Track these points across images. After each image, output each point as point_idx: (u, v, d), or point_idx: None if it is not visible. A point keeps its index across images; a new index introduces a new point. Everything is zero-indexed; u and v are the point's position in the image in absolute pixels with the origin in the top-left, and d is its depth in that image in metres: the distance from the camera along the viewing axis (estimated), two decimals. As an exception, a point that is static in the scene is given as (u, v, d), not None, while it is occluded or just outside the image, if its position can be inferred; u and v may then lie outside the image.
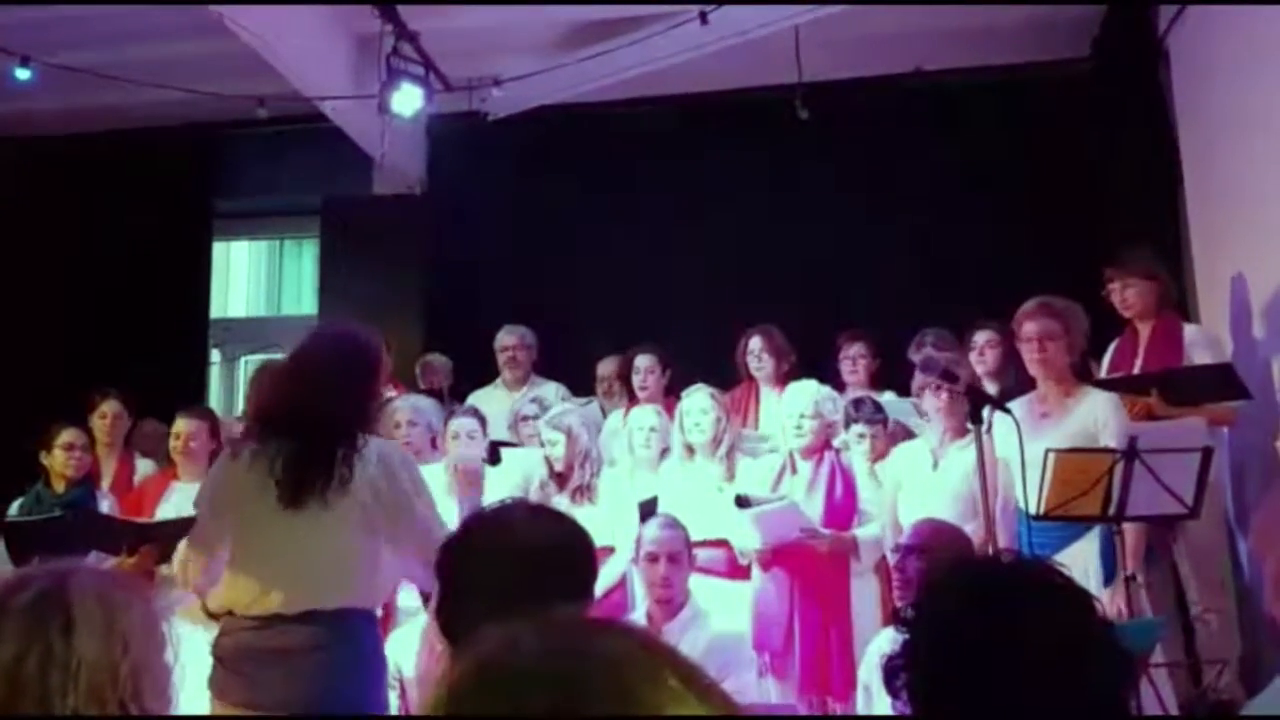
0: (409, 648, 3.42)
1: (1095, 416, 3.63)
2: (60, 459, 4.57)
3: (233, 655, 2.56)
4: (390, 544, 2.65)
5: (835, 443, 4.19)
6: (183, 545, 2.85)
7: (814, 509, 3.98)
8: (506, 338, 5.74)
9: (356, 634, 2.58)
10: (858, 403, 4.43)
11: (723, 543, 4.10)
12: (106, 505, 4.59)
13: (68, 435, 4.61)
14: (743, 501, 3.89)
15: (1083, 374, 4.02)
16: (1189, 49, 5.49)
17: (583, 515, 3.90)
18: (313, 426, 2.59)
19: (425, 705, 0.75)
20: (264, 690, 2.49)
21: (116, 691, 1.30)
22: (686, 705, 0.70)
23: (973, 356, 4.64)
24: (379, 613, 3.79)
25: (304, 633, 2.52)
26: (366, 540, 2.61)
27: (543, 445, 4.38)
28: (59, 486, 4.57)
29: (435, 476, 4.26)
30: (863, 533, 3.98)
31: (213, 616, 3.66)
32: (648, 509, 4.13)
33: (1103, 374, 4.37)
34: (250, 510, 2.61)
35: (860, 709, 3.40)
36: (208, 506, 2.76)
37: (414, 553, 2.65)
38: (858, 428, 4.30)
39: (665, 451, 4.41)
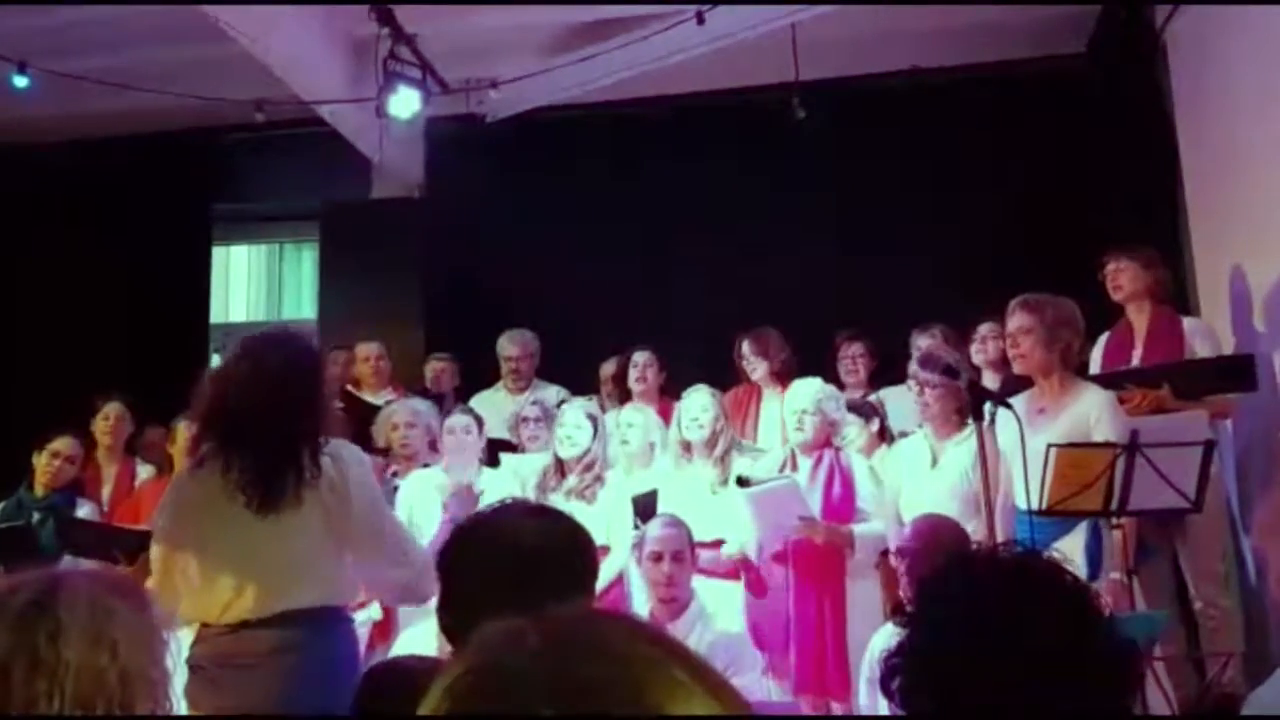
0: (424, 646, 3.40)
1: (1089, 413, 3.62)
2: (45, 462, 4.55)
3: (206, 663, 2.53)
4: (344, 542, 2.62)
5: (835, 441, 4.19)
6: None
7: (812, 505, 3.97)
8: (510, 348, 5.73)
9: (327, 634, 2.57)
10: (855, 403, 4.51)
11: (720, 543, 4.10)
12: (85, 512, 4.56)
13: (60, 443, 4.60)
14: (744, 482, 3.91)
15: (1080, 369, 4.00)
16: (1186, 43, 5.48)
17: (580, 513, 3.90)
18: (276, 431, 2.55)
19: (425, 704, 0.74)
20: (235, 695, 2.47)
21: (104, 697, 1.30)
22: (694, 698, 0.69)
23: (974, 347, 4.68)
24: (379, 615, 3.79)
25: (275, 636, 2.50)
26: (331, 538, 2.60)
27: (561, 427, 4.32)
28: (39, 491, 4.55)
29: (434, 479, 4.27)
30: (860, 528, 3.96)
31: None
32: (645, 502, 4.13)
33: (1094, 367, 4.37)
34: (217, 519, 2.56)
35: (863, 704, 3.40)
36: (171, 520, 2.69)
37: (367, 554, 2.65)
38: (854, 419, 4.36)
39: (651, 447, 4.41)
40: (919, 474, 3.95)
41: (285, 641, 2.50)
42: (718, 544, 4.09)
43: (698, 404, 4.28)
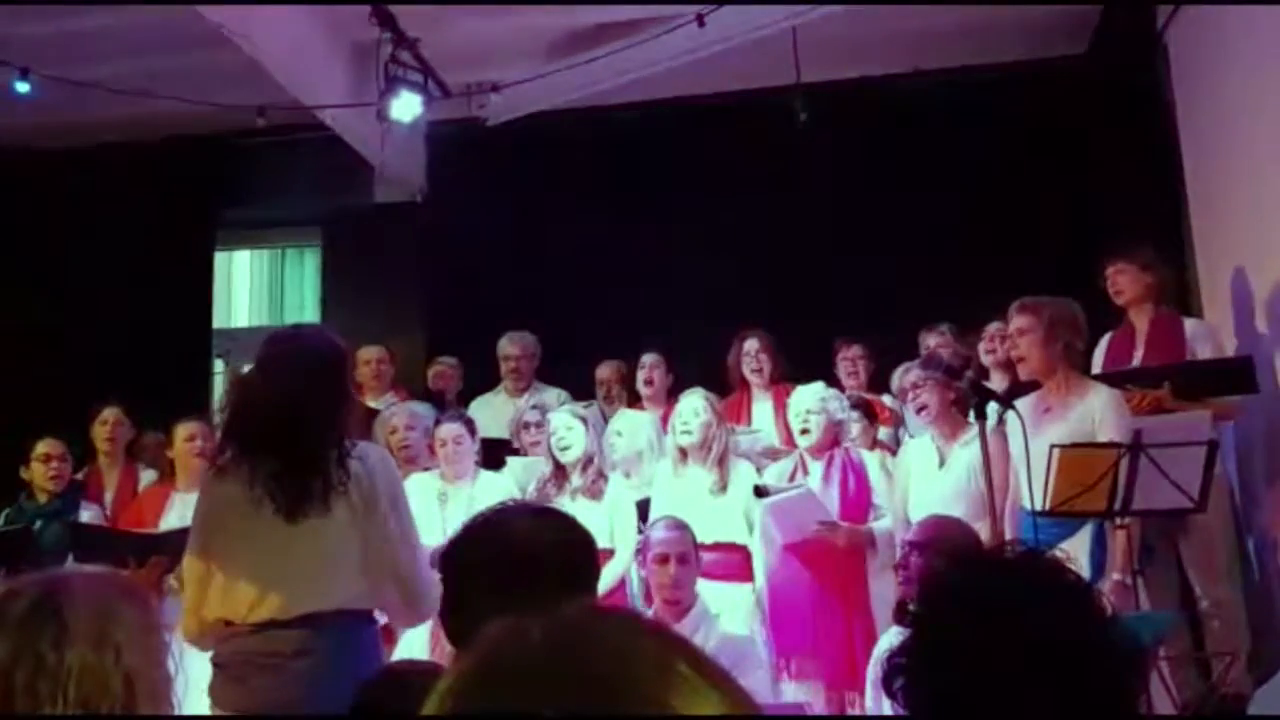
0: (419, 650, 3.41)
1: (1094, 413, 3.62)
2: (39, 471, 4.55)
3: (230, 662, 2.54)
4: (369, 544, 2.61)
5: (844, 441, 4.19)
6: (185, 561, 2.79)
7: (828, 505, 3.97)
8: (510, 348, 5.73)
9: (351, 636, 2.56)
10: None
11: (718, 546, 4.09)
12: (88, 516, 4.57)
13: (44, 446, 4.58)
14: (761, 491, 3.90)
15: (1085, 369, 4.00)
16: (1187, 44, 5.48)
17: (587, 511, 3.90)
18: (302, 437, 2.55)
19: (430, 704, 0.73)
20: (258, 695, 2.47)
21: (108, 700, 1.30)
22: (698, 693, 0.69)
23: (983, 347, 4.68)
24: (384, 618, 3.79)
25: (299, 637, 2.50)
26: (358, 540, 2.60)
27: (553, 434, 4.32)
28: (41, 499, 4.56)
29: (431, 484, 4.27)
30: (879, 526, 3.96)
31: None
32: (641, 509, 4.13)
33: (1096, 367, 4.37)
34: (244, 523, 2.57)
35: (870, 708, 3.40)
36: (202, 525, 2.70)
37: (380, 565, 2.61)
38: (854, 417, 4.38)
39: (639, 455, 4.42)
40: (926, 475, 3.95)
41: (310, 643, 2.50)
42: (716, 547, 4.08)
43: (689, 408, 4.26)
